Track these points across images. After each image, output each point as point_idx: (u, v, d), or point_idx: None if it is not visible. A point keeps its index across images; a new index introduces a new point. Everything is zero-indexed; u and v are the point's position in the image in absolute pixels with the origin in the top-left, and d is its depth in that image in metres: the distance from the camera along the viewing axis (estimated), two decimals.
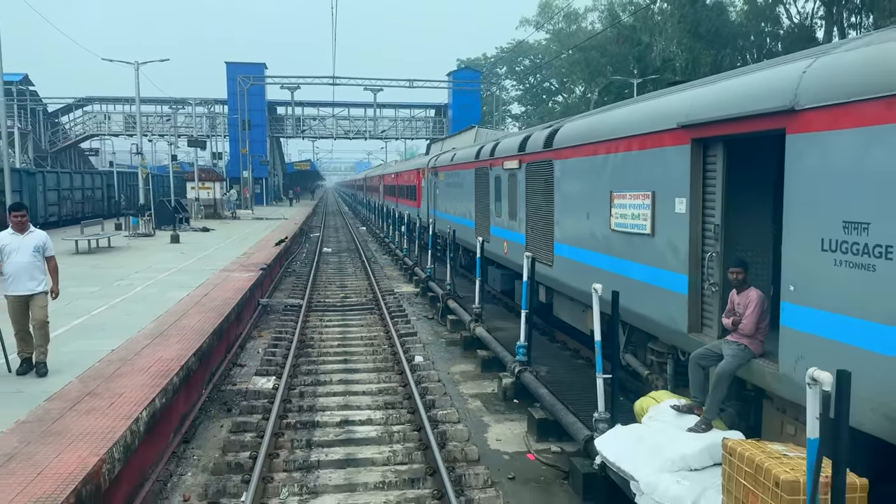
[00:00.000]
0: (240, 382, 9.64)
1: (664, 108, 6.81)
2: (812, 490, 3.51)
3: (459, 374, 10.41)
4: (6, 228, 7.38)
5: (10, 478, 4.63)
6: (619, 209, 7.74)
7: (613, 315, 6.42)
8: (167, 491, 6.35)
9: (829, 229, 4.53)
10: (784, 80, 5.04)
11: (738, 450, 4.47)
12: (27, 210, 7.32)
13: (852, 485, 4.03)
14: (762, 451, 4.37)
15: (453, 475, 6.43)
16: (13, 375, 7.22)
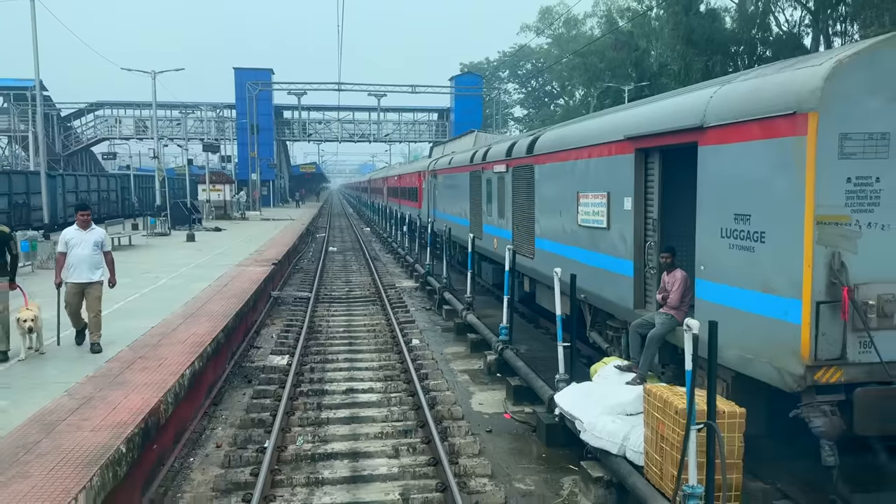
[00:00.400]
0: (257, 360, 10.99)
1: (615, 123, 8.14)
2: (689, 407, 4.82)
3: (451, 354, 11.74)
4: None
5: (93, 411, 5.98)
6: (583, 207, 9.07)
7: (571, 295, 7.76)
8: (202, 440, 7.69)
9: (725, 220, 5.85)
10: (698, 103, 6.36)
11: (654, 391, 5.79)
12: (91, 210, 8.66)
13: (732, 412, 5.36)
14: (670, 391, 5.69)
15: (440, 427, 7.75)
16: (68, 347, 8.56)
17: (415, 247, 22.85)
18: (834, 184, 4.88)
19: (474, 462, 6.88)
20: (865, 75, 4.87)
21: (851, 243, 4.92)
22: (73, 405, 6.15)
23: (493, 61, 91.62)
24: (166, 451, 6.88)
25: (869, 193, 4.91)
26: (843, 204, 4.90)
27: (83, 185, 32.49)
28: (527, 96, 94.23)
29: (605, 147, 8.33)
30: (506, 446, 7.63)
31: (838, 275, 4.89)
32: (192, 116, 58.17)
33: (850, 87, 4.85)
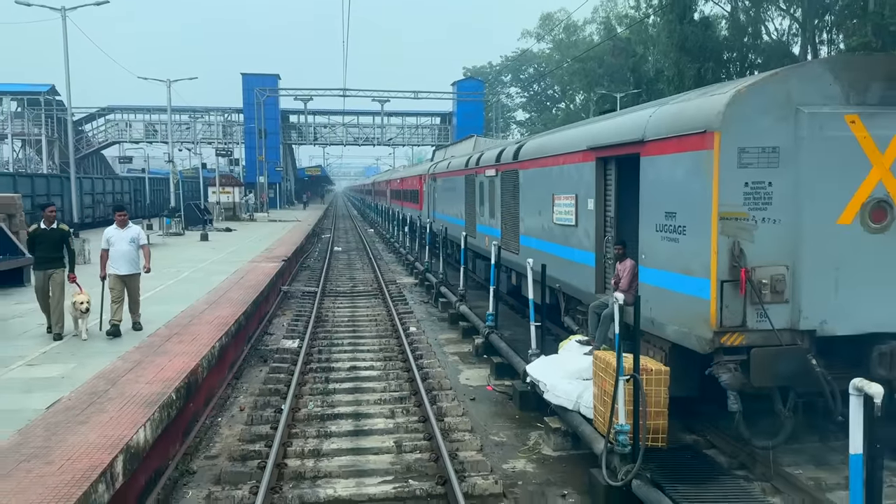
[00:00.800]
0: (271, 344, 12.33)
1: (581, 136, 9.48)
2: (618, 362, 6.13)
3: (444, 339, 13.07)
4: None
5: (144, 371, 7.33)
6: (557, 207, 10.39)
7: (542, 281, 9.08)
8: (227, 405, 9.02)
9: (658, 217, 7.16)
10: (640, 121, 7.69)
11: (599, 355, 7.11)
12: (127, 211, 10.03)
13: (658, 370, 6.68)
14: (612, 356, 7.00)
15: (430, 395, 9.07)
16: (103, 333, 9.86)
17: (415, 246, 24.20)
18: (734, 188, 6.19)
19: (457, 420, 8.20)
20: (758, 102, 6.20)
21: (749, 234, 6.23)
22: (128, 367, 7.50)
23: (496, 66, 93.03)
24: (199, 411, 8.22)
25: (763, 195, 6.22)
26: (741, 203, 6.21)
27: (98, 187, 33.95)
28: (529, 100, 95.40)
29: (573, 155, 9.66)
30: (486, 410, 8.95)
31: (738, 259, 6.21)
32: (200, 121, 59.70)
33: (746, 112, 6.17)
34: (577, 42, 70.82)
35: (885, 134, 6.24)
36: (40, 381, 7.18)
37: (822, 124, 6.16)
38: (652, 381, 6.50)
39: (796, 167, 6.18)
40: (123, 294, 9.82)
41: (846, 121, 6.19)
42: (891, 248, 6.31)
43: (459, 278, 15.31)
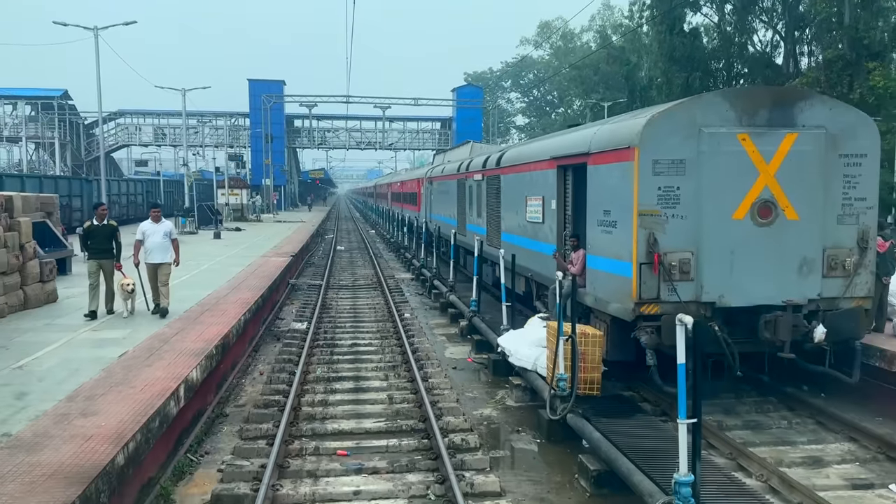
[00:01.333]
0: (283, 326, 14.11)
1: (547, 147, 11.27)
2: (559, 326, 7.89)
3: (435, 324, 14.84)
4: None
5: (188, 335, 9.12)
6: (529, 207, 12.17)
7: (512, 270, 10.85)
8: (249, 371, 10.79)
9: (599, 215, 8.93)
10: (587, 136, 9.47)
11: (551, 324, 8.87)
12: (160, 207, 11.79)
13: (594, 334, 8.44)
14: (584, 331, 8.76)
15: (418, 364, 10.83)
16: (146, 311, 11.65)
17: (413, 245, 25.98)
18: (650, 191, 7.96)
19: (439, 381, 9.97)
20: (669, 125, 7.97)
21: (661, 227, 8.00)
22: (173, 332, 9.29)
23: (496, 71, 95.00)
24: (227, 373, 9.99)
25: (672, 197, 7.99)
26: (655, 203, 7.97)
27: (114, 188, 35.81)
28: (528, 105, 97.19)
29: (540, 163, 11.44)
30: (464, 376, 10.73)
31: (653, 246, 7.97)
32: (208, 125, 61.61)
33: (659, 132, 7.95)
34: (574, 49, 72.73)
35: (769, 149, 8.01)
36: (107, 340, 8.96)
37: (719, 141, 7.94)
38: (588, 343, 8.25)
39: (699, 175, 7.96)
40: (156, 281, 11.59)
41: (738, 139, 7.97)
42: (774, 238, 8.08)
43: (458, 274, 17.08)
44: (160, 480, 6.33)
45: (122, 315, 10.85)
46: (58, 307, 11.65)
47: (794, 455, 7.42)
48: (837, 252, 8.22)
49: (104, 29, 24.97)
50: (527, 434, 8.20)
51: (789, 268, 8.11)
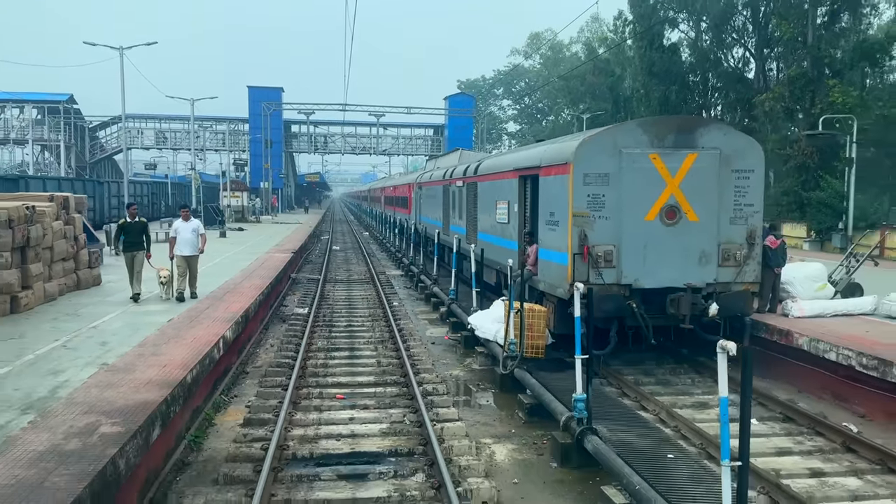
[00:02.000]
0: (287, 311, 16.30)
1: (512, 160, 13.53)
2: (510, 303, 10.12)
3: (419, 311, 17.06)
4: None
5: (216, 310, 11.32)
6: (498, 210, 14.42)
7: (480, 261, 13.09)
8: (261, 343, 12.98)
9: (547, 216, 11.19)
10: (540, 153, 11.74)
11: (505, 303, 11.11)
12: (189, 208, 13.97)
13: (539, 310, 10.69)
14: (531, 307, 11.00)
15: (402, 339, 13.05)
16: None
17: (404, 245, 28.20)
18: (581, 197, 10.21)
19: (419, 351, 12.19)
20: (596, 146, 10.24)
21: (590, 226, 10.25)
22: (205, 307, 11.49)
23: (489, 79, 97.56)
24: (244, 344, 12.19)
25: (599, 202, 10.24)
26: (585, 207, 10.23)
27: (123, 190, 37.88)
28: (520, 112, 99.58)
29: (507, 173, 13.70)
30: (440, 349, 12.96)
31: (583, 241, 10.22)
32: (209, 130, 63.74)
33: (588, 152, 10.21)
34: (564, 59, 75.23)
35: (674, 165, 10.28)
36: (154, 312, 11.16)
37: (634, 159, 10.21)
38: (535, 317, 10.50)
39: (619, 185, 10.22)
40: (186, 270, 13.75)
41: (650, 157, 10.23)
42: (678, 235, 10.34)
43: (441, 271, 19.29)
44: (204, 409, 8.54)
45: (160, 298, 12.99)
46: (103, 289, 13.83)
47: (686, 401, 9.67)
48: (730, 247, 10.50)
49: (128, 48, 27.13)
50: (484, 386, 10.44)
51: (691, 258, 10.38)
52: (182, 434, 7.46)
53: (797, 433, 8.43)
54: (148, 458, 6.07)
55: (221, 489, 6.45)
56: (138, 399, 6.44)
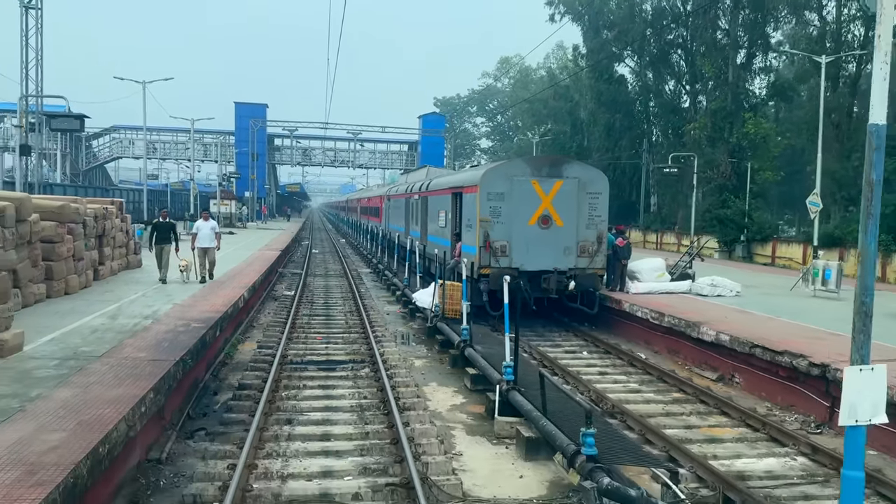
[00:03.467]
0: (277, 293, 21.01)
1: (448, 181, 18.50)
2: (435, 281, 14.97)
3: (381, 296, 21.84)
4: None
5: (232, 282, 16.03)
6: (440, 218, 19.34)
7: (423, 254, 18.00)
8: (261, 311, 17.69)
9: (466, 221, 16.13)
10: (464, 177, 16.71)
11: (439, 282, 16.00)
12: (209, 212, 18.66)
13: (458, 286, 15.59)
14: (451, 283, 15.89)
15: (366, 312, 17.84)
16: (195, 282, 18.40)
17: (375, 249, 33.01)
18: (486, 209, 15.15)
19: (377, 319, 17.00)
20: (495, 174, 15.22)
21: (491, 228, 15.20)
22: (223, 282, 16.23)
23: (463, 97, 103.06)
24: (250, 310, 16.89)
25: (497, 212, 15.19)
26: (489, 215, 15.17)
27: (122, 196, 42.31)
28: (493, 130, 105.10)
29: (445, 190, 18.65)
30: (393, 318, 17.79)
31: (486, 238, 15.16)
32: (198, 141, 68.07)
33: (489, 178, 15.18)
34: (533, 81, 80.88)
35: (547, 188, 15.27)
36: (187, 285, 15.87)
37: (521, 184, 15.19)
38: (454, 290, 15.36)
39: (510, 201, 15.18)
40: (205, 259, 18.38)
41: (531, 183, 15.22)
42: (550, 235, 15.31)
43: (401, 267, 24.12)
44: (231, 339, 13.28)
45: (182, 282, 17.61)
46: (144, 270, 18.46)
47: (559, 352, 14.55)
48: (585, 244, 15.51)
49: (151, 82, 31.62)
50: (417, 336, 15.29)
51: (558, 251, 15.36)
52: (220, 349, 12.21)
53: (611, 361, 13.37)
54: (209, 353, 10.82)
55: (249, 373, 11.18)
56: (204, 316, 11.23)
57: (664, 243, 41.57)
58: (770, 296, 16.84)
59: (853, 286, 5.29)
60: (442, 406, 10.07)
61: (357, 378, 11.26)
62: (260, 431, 8.27)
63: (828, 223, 29.36)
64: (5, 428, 5.94)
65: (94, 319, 11.00)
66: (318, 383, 10.79)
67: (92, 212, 14.87)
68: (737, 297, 16.26)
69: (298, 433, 8.44)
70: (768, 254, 32.64)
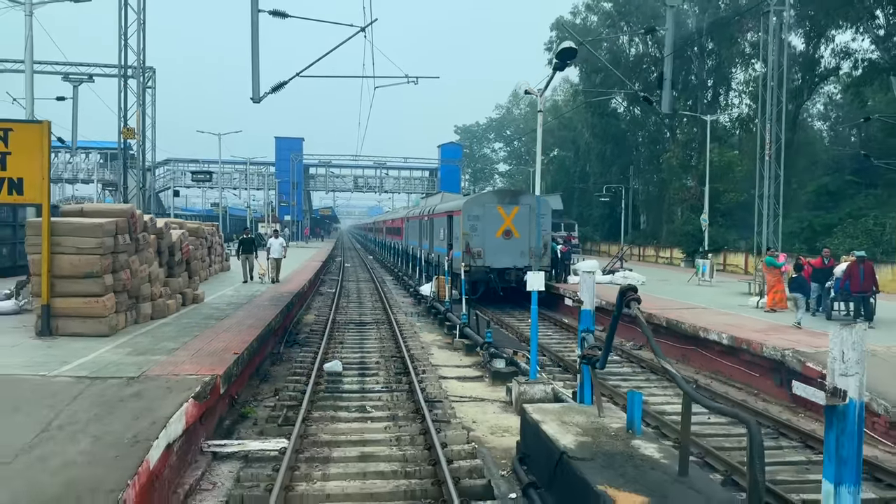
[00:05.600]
0: (323, 291, 28.38)
1: (445, 206, 25.81)
2: (423, 276, 22.15)
3: (400, 293, 29.06)
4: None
5: (293, 280, 23.38)
6: (440, 234, 26.59)
7: (430, 261, 25.25)
8: (314, 300, 25.04)
9: (455, 235, 23.35)
10: (454, 204, 23.98)
11: (437, 277, 23.21)
12: (278, 231, 26.11)
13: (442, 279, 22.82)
14: (440, 277, 23.09)
15: (388, 303, 25.08)
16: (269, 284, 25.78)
17: (397, 261, 40.37)
18: (467, 226, 22.37)
19: (395, 304, 24.23)
20: (472, 202, 22.49)
21: (471, 239, 22.39)
22: (288, 279, 23.62)
23: (482, 125, 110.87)
24: (305, 303, 24.25)
25: (475, 228, 22.40)
26: (469, 231, 22.39)
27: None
28: (509, 154, 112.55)
29: (443, 214, 25.93)
30: (406, 304, 24.99)
31: (468, 246, 22.36)
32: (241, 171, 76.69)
33: (470, 205, 22.44)
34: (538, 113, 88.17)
35: (509, 212, 22.45)
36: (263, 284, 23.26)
37: (490, 209, 22.40)
38: (443, 281, 22.53)
39: (484, 220, 22.39)
40: (276, 266, 25.75)
41: (497, 208, 22.43)
42: (510, 244, 22.44)
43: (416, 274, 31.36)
44: (297, 314, 20.62)
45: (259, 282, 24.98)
46: (232, 272, 25.96)
47: (512, 319, 21.58)
48: (535, 250, 22.58)
49: (225, 134, 39.57)
50: (421, 313, 22.44)
51: (517, 254, 22.46)
52: (294, 318, 19.48)
53: (544, 325, 20.36)
54: (290, 316, 18.11)
55: (315, 327, 18.41)
56: (287, 292, 18.59)
57: (645, 255, 48.27)
58: (668, 284, 23.71)
59: (727, 278, 12.35)
60: (428, 339, 17.24)
61: (380, 329, 18.47)
62: (325, 346, 15.48)
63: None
64: (222, 324, 13.22)
65: (228, 291, 18.49)
66: (355, 331, 18.03)
67: (206, 231, 22.40)
68: (642, 285, 23.13)
69: (346, 348, 15.64)
70: (721, 262, 39.21)
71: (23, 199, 10.65)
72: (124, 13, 21.95)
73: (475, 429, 9.65)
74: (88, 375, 8.25)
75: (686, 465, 6.33)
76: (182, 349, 10.30)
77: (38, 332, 10.63)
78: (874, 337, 12.45)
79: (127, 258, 11.57)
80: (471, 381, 12.76)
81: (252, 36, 15.31)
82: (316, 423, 9.50)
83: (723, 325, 14.32)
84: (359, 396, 11.21)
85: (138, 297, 12.35)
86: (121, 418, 6.85)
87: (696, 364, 14.21)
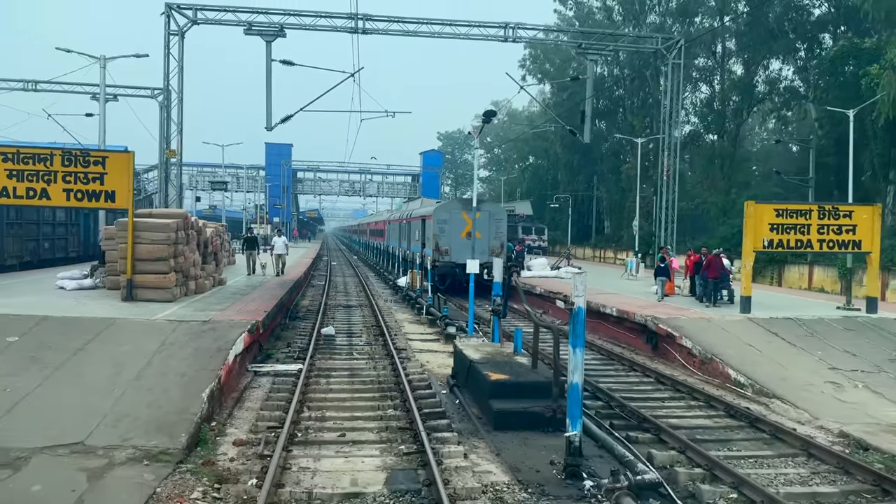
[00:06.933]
0: (314, 283, 32.82)
1: (420, 211, 30.43)
2: (398, 271, 26.72)
3: (381, 286, 33.60)
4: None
5: (294, 271, 27.82)
6: (416, 234, 31.18)
7: (406, 258, 29.85)
8: (306, 292, 29.50)
9: (427, 236, 27.95)
10: (427, 209, 28.61)
11: (411, 271, 27.78)
12: (281, 230, 30.47)
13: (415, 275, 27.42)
14: (414, 271, 27.66)
15: (370, 291, 29.60)
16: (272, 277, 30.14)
17: (379, 259, 44.88)
18: (437, 228, 26.97)
19: (377, 294, 28.77)
20: (442, 209, 27.12)
21: (441, 238, 27.00)
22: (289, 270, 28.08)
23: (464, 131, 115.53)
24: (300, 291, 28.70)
25: (443, 230, 27.02)
26: (438, 232, 27.00)
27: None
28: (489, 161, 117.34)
29: (417, 217, 30.53)
30: (386, 295, 29.54)
31: (438, 245, 26.96)
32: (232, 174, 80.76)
33: (438, 210, 27.05)
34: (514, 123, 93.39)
35: (472, 217, 27.03)
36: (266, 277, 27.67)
37: (455, 214, 27.04)
38: (415, 276, 27.09)
39: (451, 224, 27.01)
40: (279, 262, 30.09)
41: (462, 214, 27.06)
42: (474, 243, 27.07)
43: (395, 270, 35.87)
44: (296, 299, 25.10)
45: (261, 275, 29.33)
46: (237, 266, 30.30)
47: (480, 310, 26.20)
48: (493, 248, 27.21)
49: (228, 146, 43.95)
50: (398, 301, 26.99)
51: (480, 252, 27.03)
52: (293, 301, 23.92)
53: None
54: (291, 298, 22.56)
55: (311, 308, 22.89)
56: (289, 280, 23.04)
57: (605, 257, 53.17)
58: (603, 278, 28.44)
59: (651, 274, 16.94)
60: (401, 317, 21.81)
61: (363, 310, 22.99)
62: (320, 319, 19.94)
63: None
64: (248, 296, 17.63)
65: (241, 279, 22.92)
66: (344, 311, 22.54)
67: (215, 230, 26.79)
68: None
69: (337, 321, 20.13)
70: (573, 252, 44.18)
71: (114, 206, 15.11)
72: (166, 62, 26.68)
73: (427, 365, 14.24)
74: (176, 319, 12.73)
75: (535, 362, 11.07)
76: (229, 308, 14.83)
77: (123, 298, 15.04)
78: (720, 312, 17.22)
79: (182, 248, 16.03)
80: (430, 342, 17.36)
81: (266, 79, 19.84)
82: (319, 360, 14.05)
83: (620, 303, 19.02)
84: (347, 347, 15.78)
85: (188, 277, 16.77)
86: (206, 340, 11.37)
87: (600, 332, 18.89)
